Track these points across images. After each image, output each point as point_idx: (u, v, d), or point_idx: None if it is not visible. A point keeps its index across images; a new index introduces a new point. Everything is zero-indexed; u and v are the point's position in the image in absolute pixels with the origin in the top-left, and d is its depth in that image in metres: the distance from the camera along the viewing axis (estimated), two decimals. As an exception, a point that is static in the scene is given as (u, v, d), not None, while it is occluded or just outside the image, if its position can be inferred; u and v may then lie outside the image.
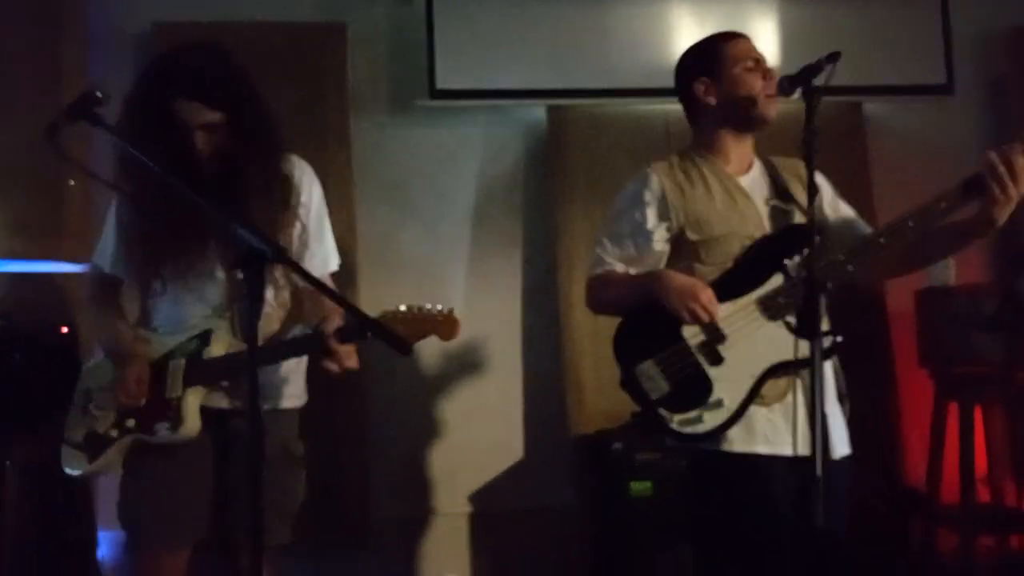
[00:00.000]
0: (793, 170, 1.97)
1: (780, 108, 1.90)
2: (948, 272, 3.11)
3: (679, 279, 1.81)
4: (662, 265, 1.92)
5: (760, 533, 1.74)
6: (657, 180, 1.92)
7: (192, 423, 1.87)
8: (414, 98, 3.18)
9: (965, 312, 3.01)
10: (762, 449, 1.76)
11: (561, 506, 3.08)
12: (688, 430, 1.77)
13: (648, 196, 1.91)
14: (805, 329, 1.54)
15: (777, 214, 1.89)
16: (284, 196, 1.96)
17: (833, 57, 1.64)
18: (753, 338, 1.77)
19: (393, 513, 3.11)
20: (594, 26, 3.24)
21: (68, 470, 1.98)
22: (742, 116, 1.90)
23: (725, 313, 1.79)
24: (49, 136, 1.61)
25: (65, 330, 2.58)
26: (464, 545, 3.18)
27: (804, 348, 1.66)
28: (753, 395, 1.76)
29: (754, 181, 1.94)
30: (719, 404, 1.75)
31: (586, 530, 2.93)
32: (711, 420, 1.76)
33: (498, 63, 3.19)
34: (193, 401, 1.88)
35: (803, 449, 1.70)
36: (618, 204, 1.97)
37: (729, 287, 1.82)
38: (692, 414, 1.76)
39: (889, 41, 3.34)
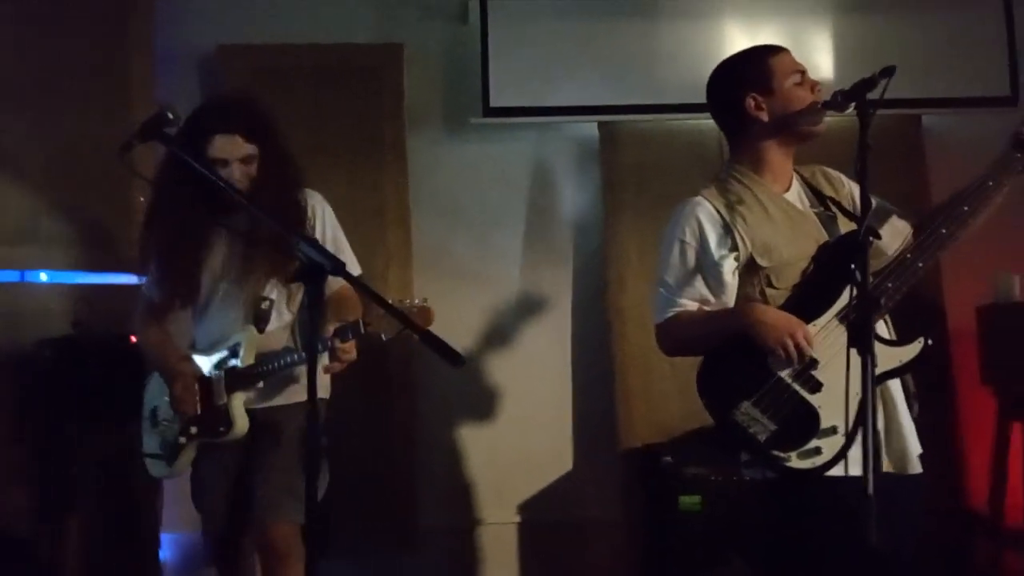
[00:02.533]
0: (821, 174, 1.95)
1: (835, 122, 1.86)
2: (1013, 288, 3.03)
3: (771, 315, 1.74)
4: (734, 295, 1.83)
5: (850, 554, 1.60)
6: (713, 209, 1.84)
7: (242, 423, 2.19)
8: (468, 115, 3.24)
9: (1032, 329, 2.92)
10: (855, 471, 1.62)
11: (609, 519, 3.08)
12: (808, 464, 1.68)
13: (708, 227, 1.83)
14: (859, 344, 1.48)
15: (826, 221, 1.85)
16: (299, 219, 2.22)
17: (888, 71, 1.60)
18: (845, 356, 1.65)
19: (440, 521, 3.15)
20: (645, 42, 3.26)
21: (156, 474, 2.32)
22: (794, 130, 1.85)
23: (812, 333, 1.72)
24: (122, 153, 1.72)
25: (134, 339, 2.69)
26: (512, 555, 3.20)
27: (901, 355, 1.69)
28: (860, 416, 1.62)
29: (798, 195, 1.90)
30: (833, 431, 1.67)
31: (634, 543, 2.92)
32: (829, 449, 1.67)
33: (550, 81, 3.23)
34: (238, 404, 2.19)
35: (884, 466, 1.69)
36: (674, 238, 1.86)
37: (806, 309, 1.75)
38: (809, 447, 1.68)
39: (949, 52, 3.28)
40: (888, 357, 1.70)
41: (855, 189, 1.84)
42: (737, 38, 3.26)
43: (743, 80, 1.88)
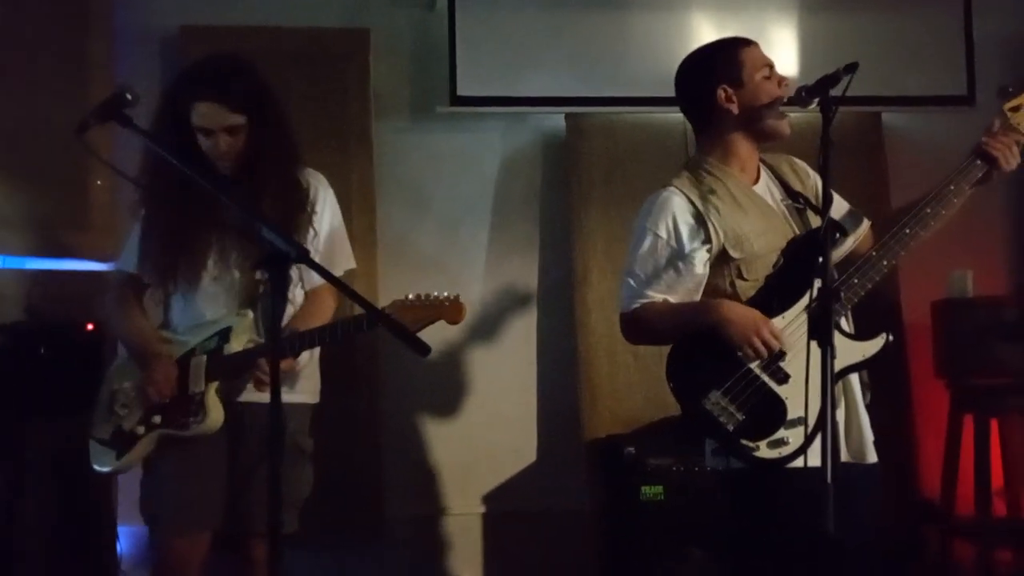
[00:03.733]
0: (787, 163, 1.98)
1: (799, 118, 1.89)
2: (966, 284, 3.10)
3: (737, 311, 1.76)
4: (703, 287, 1.86)
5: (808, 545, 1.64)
6: (686, 200, 1.85)
7: (216, 415, 1.98)
8: (435, 104, 3.21)
9: (984, 322, 2.99)
10: (815, 462, 1.68)
11: (573, 509, 3.09)
12: (775, 454, 1.72)
13: (681, 220, 1.84)
14: (820, 336, 1.51)
15: (795, 214, 1.89)
16: (299, 200, 2.07)
17: (851, 68, 1.63)
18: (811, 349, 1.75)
19: (406, 511, 3.14)
20: (613, 34, 3.26)
21: (97, 467, 2.08)
22: (760, 123, 1.87)
23: (778, 328, 1.76)
24: (79, 134, 1.67)
25: (91, 327, 2.62)
26: (477, 545, 3.20)
27: (864, 349, 1.75)
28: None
29: (766, 188, 1.93)
30: (799, 422, 1.70)
31: (597, 533, 2.94)
32: (795, 440, 1.71)
33: (518, 71, 3.22)
34: (214, 394, 1.99)
35: (843, 456, 1.72)
36: (645, 229, 1.87)
37: (775, 302, 1.79)
38: (776, 436, 1.72)
39: (909, 51, 3.34)
40: (851, 352, 1.76)
41: (820, 181, 1.87)
42: (705, 32, 3.27)
43: (714, 72, 1.89)
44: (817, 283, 1.72)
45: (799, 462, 1.71)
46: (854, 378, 1.83)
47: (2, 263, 2.72)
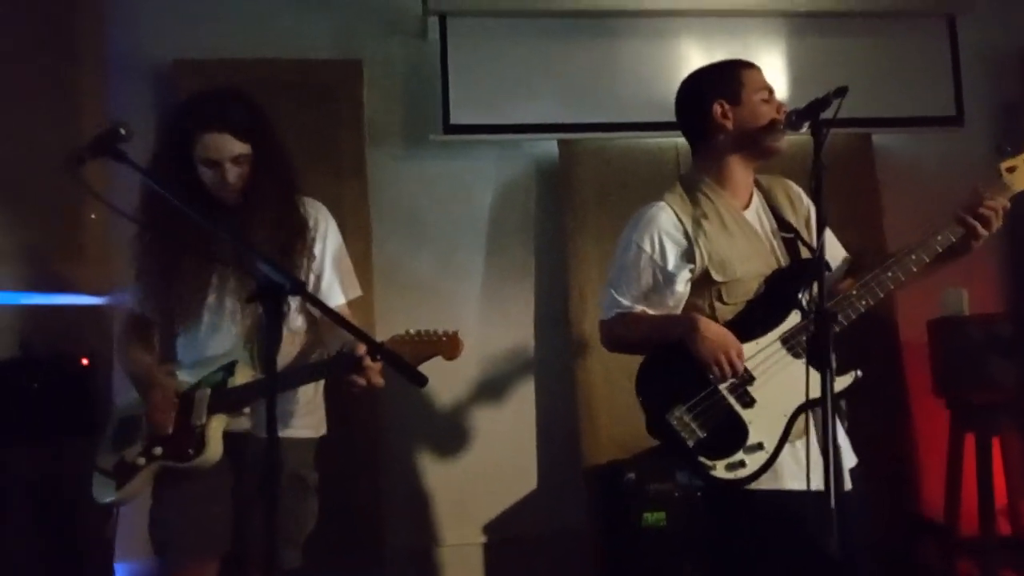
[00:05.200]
0: (782, 189, 2.01)
1: (790, 140, 1.92)
2: (961, 302, 3.11)
3: (711, 330, 1.79)
4: (682, 305, 1.89)
5: (789, 567, 1.73)
6: (675, 217, 1.89)
7: (214, 449, 1.96)
8: (428, 132, 3.23)
9: (980, 339, 3.00)
10: (791, 485, 1.76)
11: (573, 535, 3.06)
12: (731, 476, 1.75)
13: (667, 237, 1.88)
14: (816, 361, 1.54)
15: (782, 244, 1.92)
16: (299, 227, 2.06)
17: (841, 92, 1.65)
18: (780, 377, 1.78)
19: (406, 542, 3.11)
20: (604, 61, 3.29)
21: (98, 498, 2.06)
22: (756, 145, 1.90)
23: (750, 353, 1.80)
24: (71, 168, 1.66)
25: (85, 362, 2.61)
26: (478, 574, 3.16)
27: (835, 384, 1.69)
28: (787, 434, 1.76)
29: (757, 214, 1.95)
30: (759, 447, 1.74)
31: (598, 559, 2.91)
32: (752, 464, 1.75)
33: (510, 98, 3.24)
34: (216, 427, 1.98)
35: (817, 483, 1.68)
36: (630, 242, 1.92)
37: (751, 327, 1.82)
38: (734, 459, 1.75)
39: (898, 73, 3.37)
40: (815, 382, 1.72)
41: (813, 206, 1.91)
42: (694, 58, 3.31)
43: (713, 87, 1.93)
44: (795, 316, 1.80)
45: (774, 484, 1.75)
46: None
47: (-4, 298, 2.72)
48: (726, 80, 1.92)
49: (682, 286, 1.87)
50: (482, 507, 3.18)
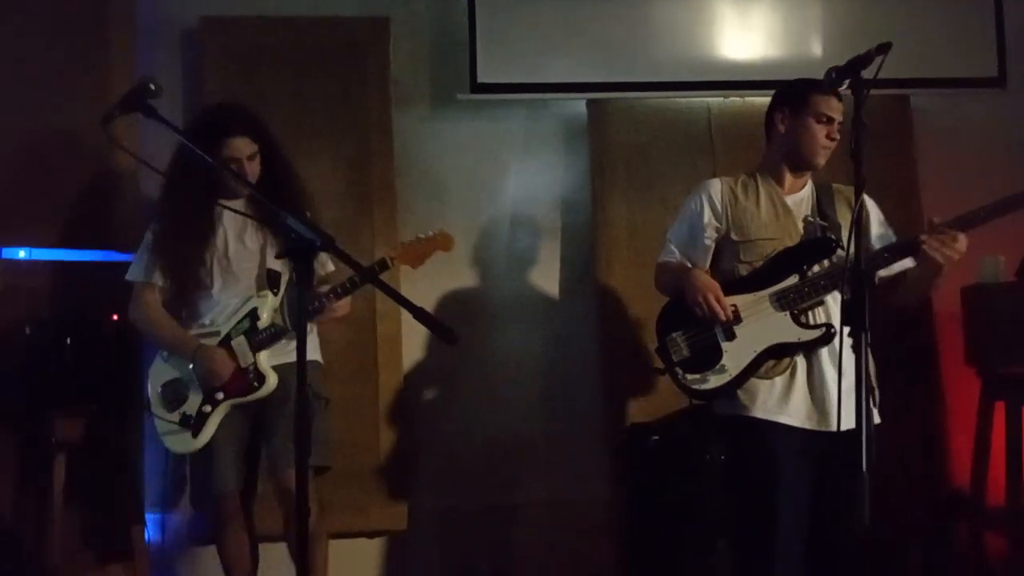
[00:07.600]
0: (847, 196, 2.23)
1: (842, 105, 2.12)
2: (997, 269, 3.05)
3: (701, 279, 2.20)
4: (709, 257, 2.29)
5: (761, 487, 2.10)
6: (719, 187, 2.29)
7: (272, 378, 2.40)
8: (456, 91, 3.20)
9: (1016, 309, 2.94)
10: (759, 415, 2.14)
11: (598, 499, 3.08)
12: (695, 387, 2.21)
13: (709, 198, 2.28)
14: (852, 318, 1.66)
15: (811, 228, 2.19)
16: (307, 199, 2.50)
17: (883, 48, 1.63)
18: (761, 323, 2.16)
19: (430, 503, 3.15)
20: (634, 19, 3.23)
21: (179, 450, 2.44)
22: (795, 157, 2.21)
23: (744, 302, 2.18)
24: (104, 124, 1.69)
25: (115, 317, 2.65)
26: (503, 535, 3.19)
27: (802, 334, 2.12)
28: (753, 367, 2.14)
29: (801, 200, 2.24)
30: (723, 370, 2.17)
31: (623, 523, 2.93)
32: (715, 382, 2.18)
33: (538, 57, 3.19)
34: (264, 361, 2.41)
35: (802, 421, 2.11)
36: (687, 204, 2.33)
37: (752, 282, 2.20)
38: (700, 375, 2.19)
39: (938, 33, 3.28)
40: (787, 330, 2.13)
41: (872, 209, 2.21)
42: (727, 16, 3.24)
43: (785, 97, 2.25)
44: (793, 279, 2.13)
45: (763, 416, 2.13)
46: (824, 358, 2.12)
47: (27, 255, 2.75)
48: (796, 95, 2.21)
49: (708, 240, 2.26)
50: (506, 469, 3.20)
